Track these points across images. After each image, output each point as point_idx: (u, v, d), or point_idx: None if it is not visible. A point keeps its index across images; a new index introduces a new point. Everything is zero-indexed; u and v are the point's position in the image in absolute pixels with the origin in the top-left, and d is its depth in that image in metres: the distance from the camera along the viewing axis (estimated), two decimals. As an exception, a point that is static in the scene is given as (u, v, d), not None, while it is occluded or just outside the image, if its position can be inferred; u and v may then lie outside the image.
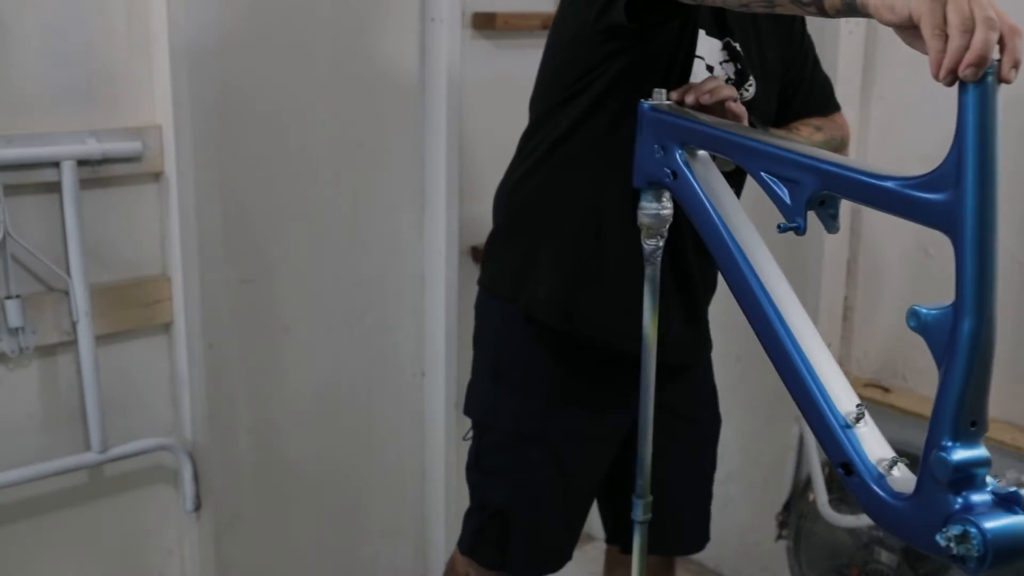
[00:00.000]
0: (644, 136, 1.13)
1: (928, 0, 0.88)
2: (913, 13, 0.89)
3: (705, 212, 1.06)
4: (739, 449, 2.64)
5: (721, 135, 1.07)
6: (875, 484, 0.90)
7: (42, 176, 1.85)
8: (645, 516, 1.32)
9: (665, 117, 1.12)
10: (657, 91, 1.16)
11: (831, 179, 0.94)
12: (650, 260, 1.20)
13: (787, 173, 0.97)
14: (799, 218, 0.96)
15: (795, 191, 0.96)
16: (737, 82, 1.53)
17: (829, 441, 0.94)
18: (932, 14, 0.88)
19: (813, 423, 0.96)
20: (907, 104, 2.16)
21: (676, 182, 1.09)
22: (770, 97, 1.60)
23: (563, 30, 1.58)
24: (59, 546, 2.03)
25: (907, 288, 2.17)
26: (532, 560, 1.71)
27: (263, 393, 2.25)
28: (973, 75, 0.86)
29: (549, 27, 1.62)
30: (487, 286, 1.72)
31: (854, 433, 0.93)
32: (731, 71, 1.53)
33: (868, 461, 0.91)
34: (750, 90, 1.54)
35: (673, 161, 1.09)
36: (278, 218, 2.18)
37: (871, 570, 2.10)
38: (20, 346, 1.87)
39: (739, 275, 1.04)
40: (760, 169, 0.99)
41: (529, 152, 1.62)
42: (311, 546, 2.41)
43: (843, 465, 0.93)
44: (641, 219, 1.17)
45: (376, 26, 2.25)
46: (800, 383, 0.97)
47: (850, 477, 0.92)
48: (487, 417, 1.70)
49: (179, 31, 1.93)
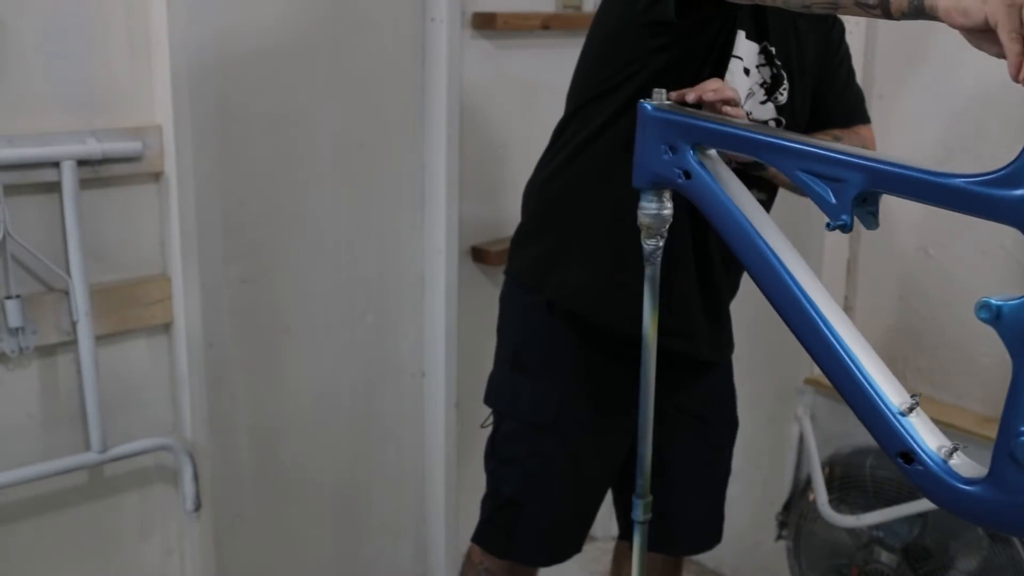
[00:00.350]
0: (647, 136, 1.13)
1: (1004, 4, 0.89)
2: (989, 17, 0.91)
3: (727, 211, 1.06)
4: (739, 449, 2.63)
5: (749, 135, 1.06)
6: (941, 471, 0.91)
7: (42, 176, 1.85)
8: (645, 516, 1.31)
9: (675, 117, 1.11)
10: (657, 91, 1.16)
11: (883, 177, 0.94)
12: (650, 260, 1.19)
13: (830, 171, 0.97)
14: (845, 216, 0.96)
15: (840, 189, 0.96)
16: (772, 86, 1.54)
17: (885, 431, 0.94)
18: (1009, 18, 0.89)
19: (866, 415, 0.96)
20: (907, 104, 2.16)
21: (690, 182, 1.09)
22: (805, 100, 1.60)
23: (606, 22, 1.58)
24: (59, 546, 2.03)
25: (907, 288, 2.17)
26: (540, 549, 1.73)
27: (263, 393, 2.25)
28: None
29: (549, 27, 1.63)
30: (514, 275, 1.73)
31: (909, 422, 0.94)
32: (767, 75, 1.54)
33: (929, 448, 0.92)
34: (784, 94, 1.55)
35: (685, 161, 1.09)
36: (278, 218, 2.18)
37: (871, 570, 2.10)
38: (20, 346, 1.87)
39: (772, 272, 1.03)
40: (797, 168, 0.99)
41: (561, 146, 1.63)
42: (311, 546, 2.41)
43: (902, 455, 0.93)
44: (641, 219, 1.16)
45: (376, 26, 2.25)
46: (849, 376, 0.97)
47: (911, 466, 0.92)
48: (505, 406, 1.72)
49: (179, 31, 1.93)
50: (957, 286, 2.11)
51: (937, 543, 2.02)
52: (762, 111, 1.56)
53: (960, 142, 2.06)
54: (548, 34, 2.49)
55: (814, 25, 1.59)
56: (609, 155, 1.55)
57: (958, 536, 2.00)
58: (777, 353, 2.47)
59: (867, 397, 0.96)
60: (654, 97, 1.15)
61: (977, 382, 2.14)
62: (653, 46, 1.46)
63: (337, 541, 2.46)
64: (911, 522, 2.04)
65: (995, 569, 1.96)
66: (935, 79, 2.11)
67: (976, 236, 2.04)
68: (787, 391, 2.36)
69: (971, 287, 2.09)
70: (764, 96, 1.56)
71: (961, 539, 2.00)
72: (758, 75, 1.53)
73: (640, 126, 1.14)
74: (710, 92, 1.33)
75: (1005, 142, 2.01)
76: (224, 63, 2.04)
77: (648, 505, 1.32)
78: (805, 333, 1.02)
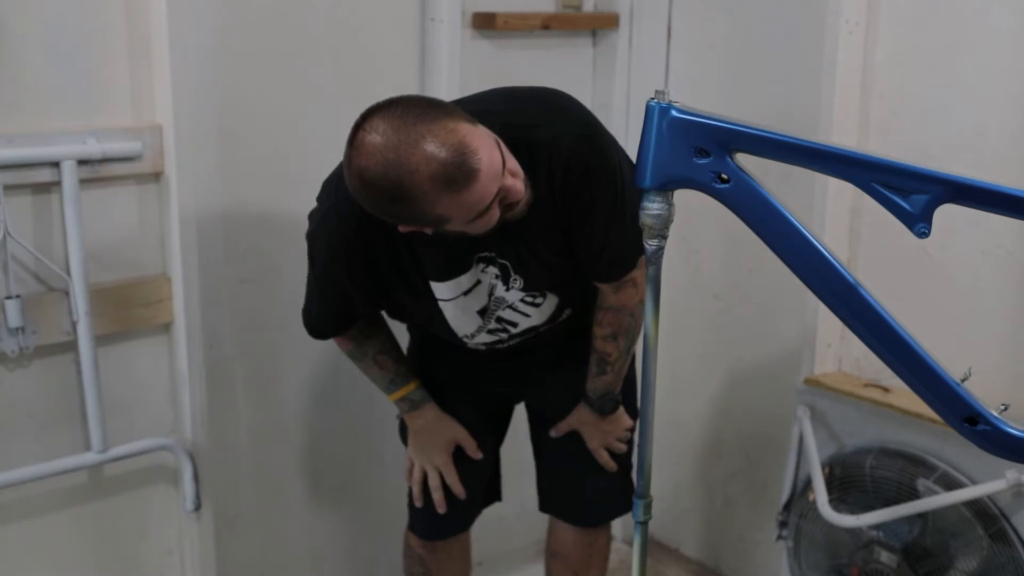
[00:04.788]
0: (668, 139, 1.11)
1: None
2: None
3: (775, 212, 1.08)
4: (739, 449, 2.64)
5: (803, 145, 1.08)
6: (1007, 427, 1.02)
7: (42, 176, 1.85)
8: (645, 516, 1.31)
9: (713, 122, 1.10)
10: (659, 91, 1.14)
11: (965, 191, 1.01)
12: (651, 260, 1.19)
13: (906, 184, 1.03)
14: (923, 224, 1.03)
15: (917, 202, 1.03)
16: (504, 278, 1.72)
17: (950, 400, 1.04)
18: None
19: (928, 388, 1.05)
20: (907, 104, 2.16)
21: (730, 187, 1.09)
22: (553, 273, 1.74)
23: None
24: (59, 546, 2.03)
25: (907, 288, 2.17)
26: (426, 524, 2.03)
27: (263, 393, 2.25)
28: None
29: (549, 27, 1.63)
30: None
31: (967, 390, 1.04)
32: (492, 276, 1.72)
33: (989, 410, 1.03)
34: (518, 282, 1.72)
35: (724, 166, 1.09)
36: (278, 218, 2.18)
37: (871, 570, 2.10)
38: (20, 346, 1.87)
39: (827, 268, 1.09)
40: (871, 181, 1.04)
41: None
42: (311, 546, 2.41)
43: (968, 419, 1.03)
44: (643, 219, 1.15)
45: (376, 26, 2.25)
46: (911, 355, 1.06)
47: (977, 427, 1.03)
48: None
49: (179, 31, 1.93)
50: (957, 286, 2.11)
51: (937, 543, 2.02)
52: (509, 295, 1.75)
53: (960, 142, 2.06)
54: (548, 34, 2.49)
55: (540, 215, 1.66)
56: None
57: (958, 536, 2.00)
58: (777, 353, 2.47)
59: (930, 370, 1.05)
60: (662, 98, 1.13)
61: (977, 382, 2.14)
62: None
63: (337, 541, 2.46)
64: (911, 522, 2.04)
65: (995, 569, 1.96)
66: (935, 79, 2.11)
67: (976, 236, 2.04)
68: (787, 391, 2.36)
69: (971, 287, 2.09)
70: (504, 286, 1.73)
71: (961, 539, 2.00)
72: (476, 292, 1.73)
73: (657, 128, 1.11)
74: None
75: (1005, 142, 2.01)
76: (224, 63, 2.04)
77: (648, 505, 1.32)
78: (864, 323, 1.08)
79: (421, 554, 2.07)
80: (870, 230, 2.25)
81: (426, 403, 1.93)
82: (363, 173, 1.43)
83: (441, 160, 1.39)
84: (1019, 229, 1.97)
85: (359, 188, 1.46)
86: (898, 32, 2.15)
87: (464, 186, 1.42)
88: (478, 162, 1.42)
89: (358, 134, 1.44)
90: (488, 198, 1.46)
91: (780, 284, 2.38)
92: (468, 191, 1.42)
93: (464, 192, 1.42)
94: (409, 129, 1.40)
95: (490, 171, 1.44)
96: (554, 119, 1.64)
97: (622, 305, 1.78)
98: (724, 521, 2.71)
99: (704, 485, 2.74)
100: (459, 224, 1.50)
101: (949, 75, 2.09)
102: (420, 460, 1.96)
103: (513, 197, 1.51)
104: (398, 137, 1.40)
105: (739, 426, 2.62)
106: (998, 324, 2.06)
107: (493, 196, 1.47)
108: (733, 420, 2.64)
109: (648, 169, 1.13)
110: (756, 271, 2.49)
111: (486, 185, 1.44)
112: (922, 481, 2.03)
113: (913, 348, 1.05)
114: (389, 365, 1.90)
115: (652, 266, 1.19)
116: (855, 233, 2.27)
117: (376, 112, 1.44)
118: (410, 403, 1.92)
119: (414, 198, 1.42)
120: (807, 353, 2.32)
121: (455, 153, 1.40)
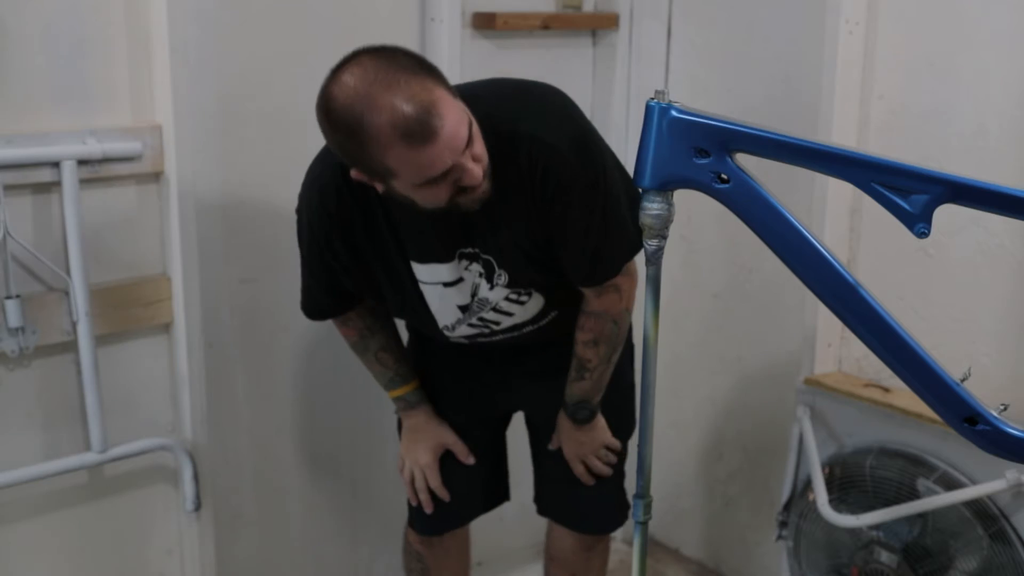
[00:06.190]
0: (668, 139, 1.11)
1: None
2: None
3: (775, 212, 1.08)
4: (739, 449, 2.64)
5: (808, 146, 1.08)
6: (1007, 427, 1.03)
7: (42, 176, 1.85)
8: (645, 516, 1.31)
9: (714, 123, 1.10)
10: (658, 91, 1.14)
11: (965, 191, 1.01)
12: (651, 260, 1.19)
13: (906, 185, 1.03)
14: (922, 224, 1.03)
15: (917, 202, 1.03)
16: (488, 275, 1.72)
17: (950, 400, 1.05)
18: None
19: (929, 387, 1.06)
20: (907, 104, 2.16)
21: (729, 187, 1.09)
22: (538, 270, 1.73)
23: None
24: (59, 546, 2.03)
25: (907, 288, 2.17)
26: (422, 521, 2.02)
27: (263, 393, 2.25)
28: None
29: (549, 27, 1.63)
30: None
31: (966, 390, 1.05)
32: (476, 275, 1.72)
33: (988, 410, 1.03)
34: (503, 277, 1.72)
35: (724, 166, 1.09)
36: (278, 218, 2.18)
37: (871, 570, 2.10)
38: (20, 346, 1.87)
39: (827, 269, 1.09)
40: (871, 181, 1.05)
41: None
42: (311, 546, 2.41)
43: (968, 419, 1.04)
44: (643, 220, 1.15)
45: (376, 26, 2.25)
46: (911, 355, 1.06)
47: (976, 427, 1.04)
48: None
49: (179, 31, 1.93)
50: (957, 286, 2.11)
51: (937, 543, 2.02)
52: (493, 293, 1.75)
53: (960, 142, 2.06)
54: (548, 34, 2.49)
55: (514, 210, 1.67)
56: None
57: (958, 536, 2.00)
58: (777, 353, 2.47)
59: (930, 370, 1.05)
60: (661, 98, 1.13)
61: (977, 382, 2.14)
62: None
63: (337, 541, 2.46)
64: (911, 522, 2.04)
65: (995, 569, 1.96)
66: (935, 79, 2.11)
67: (976, 236, 2.04)
68: (787, 391, 2.36)
69: (971, 287, 2.09)
70: (488, 284, 1.73)
71: (961, 539, 2.00)
72: (469, 275, 1.73)
73: (654, 127, 1.11)
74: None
75: (1005, 142, 2.01)
76: (224, 63, 2.05)
77: (648, 505, 1.32)
78: (864, 323, 1.08)
79: (419, 550, 2.08)
80: (870, 230, 2.25)
81: (421, 405, 1.93)
82: (331, 101, 1.45)
83: (405, 113, 1.41)
84: (1019, 229, 1.97)
85: (322, 114, 1.48)
86: (898, 32, 2.15)
87: (419, 143, 1.42)
88: (440, 127, 1.42)
89: (343, 65, 1.46)
90: (440, 167, 1.46)
91: (780, 284, 2.38)
92: (421, 150, 1.43)
93: (417, 149, 1.42)
94: (388, 74, 1.42)
95: (450, 141, 1.44)
96: (540, 115, 1.64)
97: (604, 311, 1.77)
98: (724, 521, 2.71)
99: (704, 485, 2.74)
100: (405, 185, 1.49)
101: (949, 75, 2.09)
102: (408, 459, 1.97)
103: (468, 181, 1.50)
104: (375, 76, 1.42)
105: (739, 426, 2.62)
106: (998, 324, 2.06)
107: (447, 168, 1.46)
108: (733, 420, 2.64)
109: (648, 169, 1.13)
110: (756, 271, 2.49)
111: (441, 152, 1.44)
112: (922, 481, 2.03)
113: (913, 348, 1.05)
114: (390, 363, 1.90)
115: (652, 266, 1.19)
116: (855, 233, 2.27)
117: (367, 52, 1.47)
118: (406, 403, 1.93)
119: (368, 139, 1.43)
120: (807, 353, 2.32)
121: (421, 110, 1.41)
